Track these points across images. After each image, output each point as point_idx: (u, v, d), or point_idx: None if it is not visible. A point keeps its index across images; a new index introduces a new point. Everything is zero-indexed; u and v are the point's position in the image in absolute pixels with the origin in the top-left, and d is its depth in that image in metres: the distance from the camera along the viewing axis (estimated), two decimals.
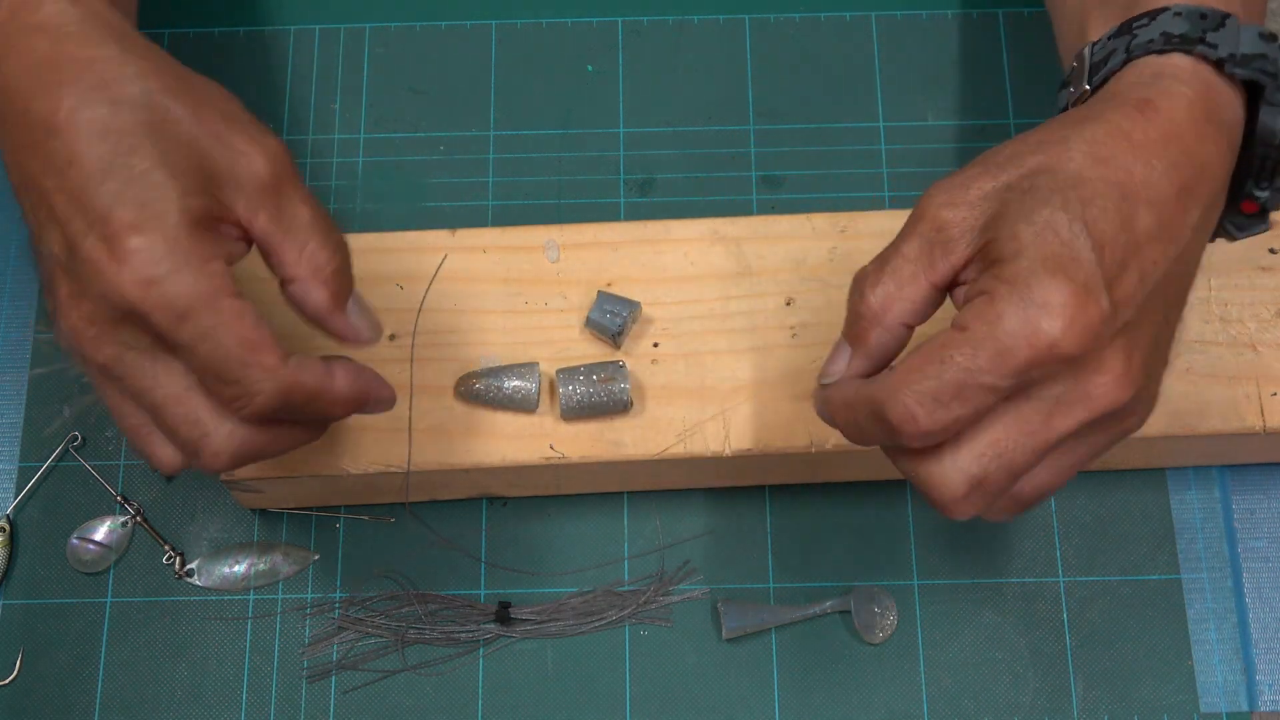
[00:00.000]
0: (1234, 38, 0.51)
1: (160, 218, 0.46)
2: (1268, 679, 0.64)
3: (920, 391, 0.46)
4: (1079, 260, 0.46)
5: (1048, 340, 0.45)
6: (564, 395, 0.61)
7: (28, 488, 0.66)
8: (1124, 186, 0.47)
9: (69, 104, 0.47)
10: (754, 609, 0.64)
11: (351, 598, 0.65)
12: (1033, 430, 0.47)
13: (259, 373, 0.47)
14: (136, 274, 0.46)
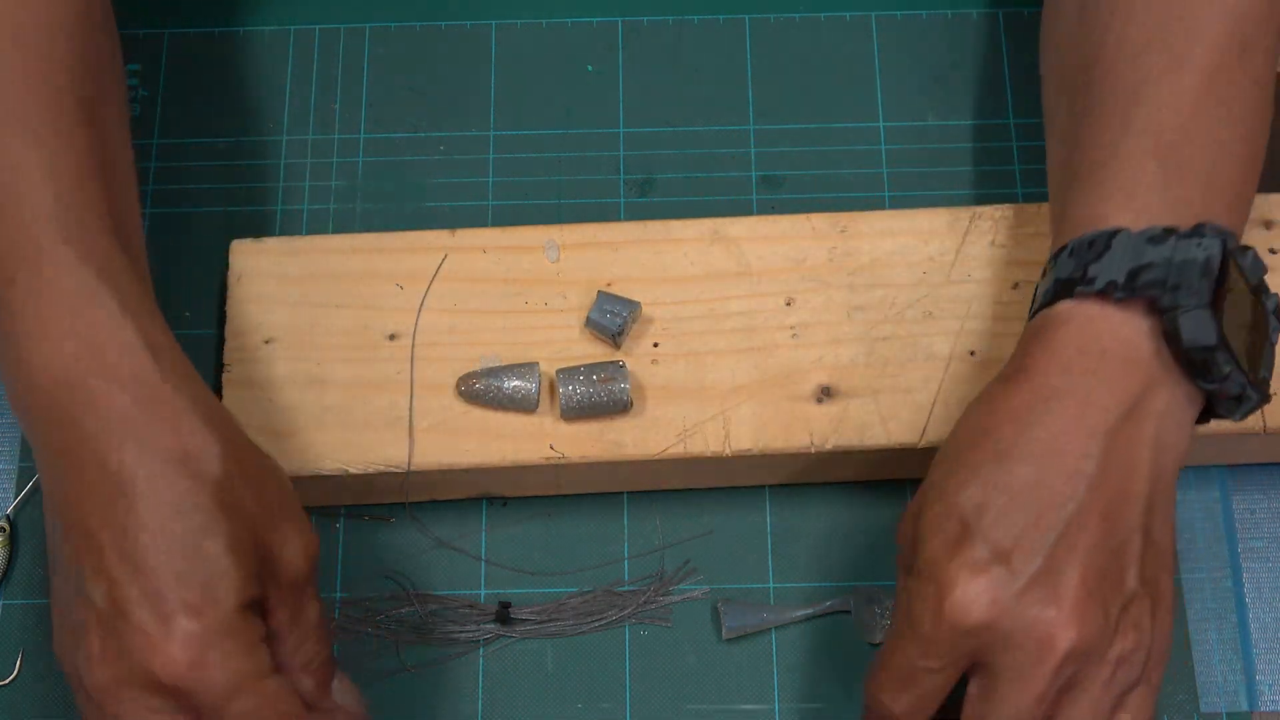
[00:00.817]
0: (1119, 258, 0.51)
1: (219, 603, 0.47)
2: (1268, 679, 0.64)
3: (881, 682, 0.51)
4: (961, 542, 0.49)
5: (952, 617, 0.49)
6: (564, 395, 0.61)
7: (28, 488, 0.66)
8: (997, 455, 0.50)
9: (148, 470, 0.47)
10: (754, 609, 0.64)
11: (351, 598, 0.65)
12: (1005, 699, 0.49)
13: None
14: (187, 654, 0.47)
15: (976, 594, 0.48)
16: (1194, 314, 0.50)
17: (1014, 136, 0.73)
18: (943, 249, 0.65)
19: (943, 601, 0.49)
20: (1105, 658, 0.49)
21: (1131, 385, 0.51)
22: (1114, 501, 0.50)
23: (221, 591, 0.47)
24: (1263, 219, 0.65)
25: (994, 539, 0.49)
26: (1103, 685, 0.50)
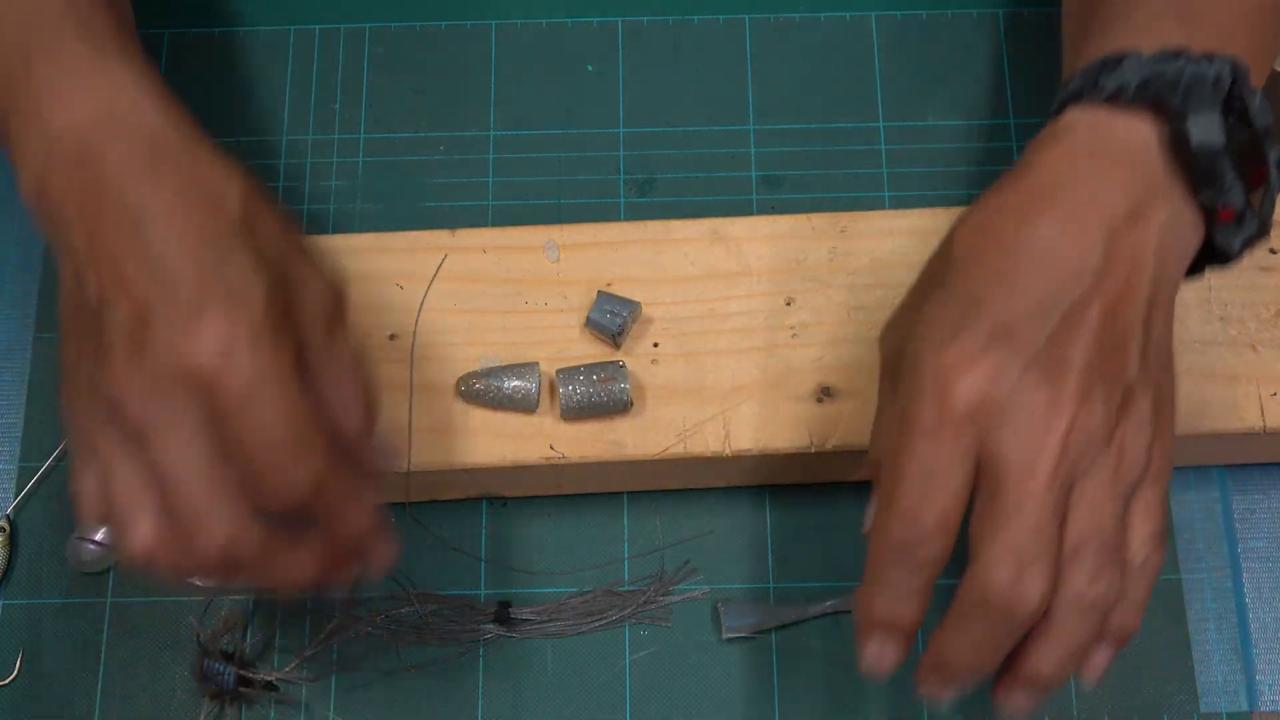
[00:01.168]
0: (1130, 72, 0.51)
1: (250, 302, 0.47)
2: (1268, 679, 0.64)
3: (901, 498, 0.48)
4: (960, 326, 0.48)
5: (952, 396, 0.47)
6: (564, 395, 0.61)
7: (28, 488, 0.66)
8: (1001, 248, 0.49)
9: (170, 204, 0.48)
10: (754, 609, 0.64)
11: (351, 598, 0.65)
12: (1014, 486, 0.47)
13: (304, 461, 0.47)
14: (216, 345, 0.46)
15: (979, 372, 0.47)
16: (1203, 116, 0.49)
17: (1014, 136, 0.73)
18: None
19: (944, 385, 0.47)
20: (1110, 443, 0.48)
21: (1136, 187, 0.50)
22: (1116, 297, 0.49)
23: (250, 292, 0.48)
24: None
25: (995, 320, 0.47)
26: (1111, 473, 0.48)
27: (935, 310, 0.49)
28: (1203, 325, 0.63)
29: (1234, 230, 0.51)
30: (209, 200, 0.49)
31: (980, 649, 0.48)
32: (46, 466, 0.67)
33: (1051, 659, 0.48)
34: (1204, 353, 0.63)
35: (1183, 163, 0.50)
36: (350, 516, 0.50)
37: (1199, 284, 0.64)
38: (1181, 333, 0.63)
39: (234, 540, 0.47)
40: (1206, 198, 0.50)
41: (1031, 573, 0.47)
